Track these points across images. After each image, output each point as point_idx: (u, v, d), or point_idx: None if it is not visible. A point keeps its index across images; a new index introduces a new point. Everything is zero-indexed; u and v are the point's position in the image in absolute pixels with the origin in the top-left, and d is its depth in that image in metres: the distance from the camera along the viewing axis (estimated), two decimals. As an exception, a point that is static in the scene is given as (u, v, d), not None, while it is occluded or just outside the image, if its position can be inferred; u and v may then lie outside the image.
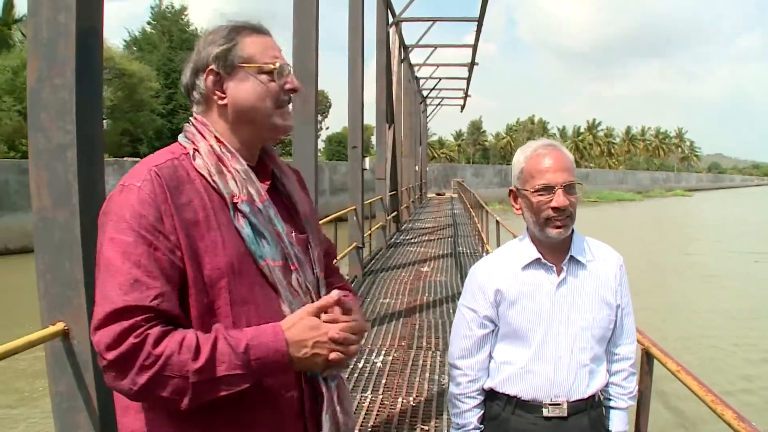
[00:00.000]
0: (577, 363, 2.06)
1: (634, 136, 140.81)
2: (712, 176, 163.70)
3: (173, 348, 1.29)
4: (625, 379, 2.20)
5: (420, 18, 20.86)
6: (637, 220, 47.32)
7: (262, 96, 1.54)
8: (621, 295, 2.14)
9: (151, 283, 1.32)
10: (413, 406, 5.06)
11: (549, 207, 1.98)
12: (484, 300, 2.12)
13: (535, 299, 2.06)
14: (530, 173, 2.03)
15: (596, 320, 2.07)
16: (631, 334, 2.22)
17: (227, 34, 1.54)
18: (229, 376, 1.32)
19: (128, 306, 1.29)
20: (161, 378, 1.28)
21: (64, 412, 2.68)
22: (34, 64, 2.59)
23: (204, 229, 1.42)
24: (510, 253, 2.17)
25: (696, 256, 26.28)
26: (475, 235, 16.44)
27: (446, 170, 64.14)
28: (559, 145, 2.08)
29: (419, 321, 7.93)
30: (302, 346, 1.39)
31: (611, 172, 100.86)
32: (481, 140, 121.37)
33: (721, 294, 18.01)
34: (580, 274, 2.09)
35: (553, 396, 2.05)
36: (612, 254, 2.18)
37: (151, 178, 1.40)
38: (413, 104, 29.29)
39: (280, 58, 1.58)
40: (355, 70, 11.59)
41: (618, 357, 2.19)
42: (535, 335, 2.06)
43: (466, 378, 2.17)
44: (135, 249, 1.33)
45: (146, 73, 38.08)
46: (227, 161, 1.51)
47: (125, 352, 1.27)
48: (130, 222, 1.35)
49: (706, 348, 12.19)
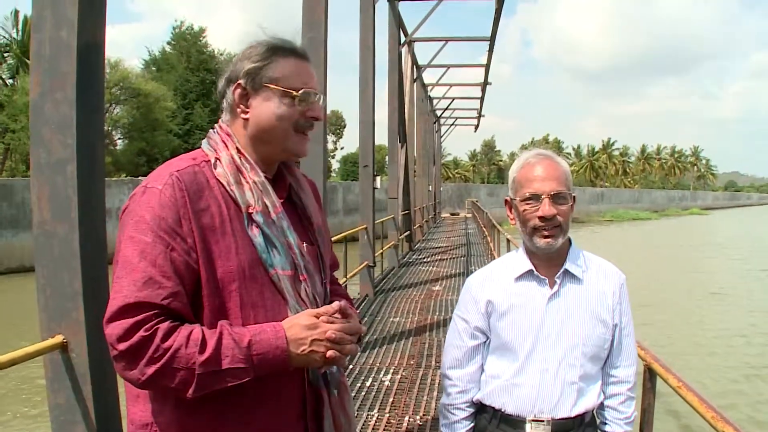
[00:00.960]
0: (564, 379, 2.00)
1: (650, 154, 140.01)
2: (728, 194, 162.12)
3: (181, 342, 1.36)
4: (622, 404, 2.10)
5: (432, 38, 20.95)
6: (651, 238, 47.00)
7: (282, 118, 1.58)
8: (620, 314, 2.07)
9: (165, 282, 1.39)
10: (419, 425, 5.02)
11: (536, 216, 1.97)
12: (476, 311, 2.11)
13: (526, 312, 2.03)
14: (520, 182, 2.02)
15: (588, 337, 2.01)
16: (631, 356, 2.12)
17: (264, 52, 1.59)
18: (232, 369, 1.39)
19: (140, 302, 1.37)
20: (169, 369, 1.36)
21: (63, 425, 2.70)
22: (36, 78, 2.64)
23: (219, 234, 1.49)
24: (504, 265, 2.15)
25: (709, 274, 26.06)
26: (488, 255, 16.38)
27: (460, 190, 64.07)
28: (551, 155, 2.05)
29: (429, 340, 7.89)
30: (301, 343, 1.45)
31: (626, 191, 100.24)
32: (495, 160, 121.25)
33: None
34: (574, 288, 2.04)
35: (536, 412, 2.00)
36: (613, 271, 2.12)
37: (172, 182, 1.47)
38: (426, 124, 29.34)
39: (309, 85, 1.61)
40: (366, 89, 11.65)
41: (615, 379, 2.11)
42: (523, 348, 2.03)
43: (455, 389, 2.15)
44: (152, 249, 1.41)
45: (162, 93, 38.45)
46: (246, 173, 1.57)
47: (135, 344, 1.34)
48: (150, 223, 1.42)
49: (711, 366, 12.09)
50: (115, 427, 2.82)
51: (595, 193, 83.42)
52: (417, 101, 23.06)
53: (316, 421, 1.60)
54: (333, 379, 1.65)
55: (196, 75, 45.04)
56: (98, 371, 2.69)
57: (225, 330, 1.41)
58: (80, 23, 2.57)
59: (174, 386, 1.37)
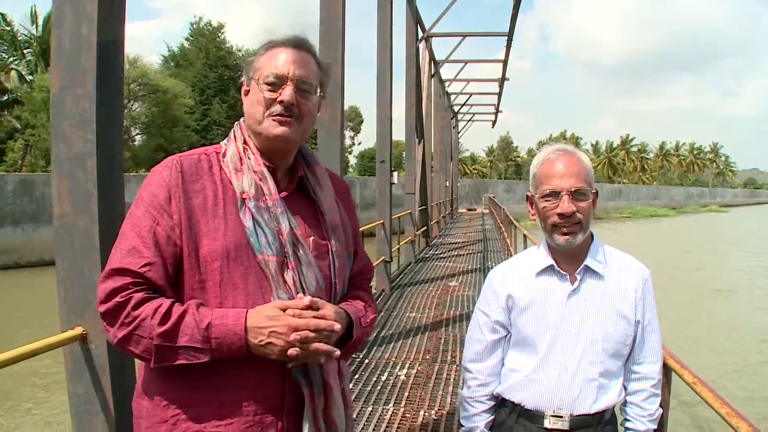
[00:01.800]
0: (584, 376, 1.99)
1: (668, 151, 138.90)
2: (747, 192, 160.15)
3: (148, 312, 1.48)
4: (645, 400, 2.08)
5: (450, 33, 20.96)
6: (664, 235, 46.68)
7: (254, 103, 1.67)
8: (643, 311, 2.04)
9: (144, 252, 1.52)
10: (435, 420, 5.02)
11: (555, 213, 1.96)
12: (497, 305, 2.12)
13: (546, 307, 2.03)
14: (540, 179, 2.01)
15: (609, 333, 1.99)
16: (656, 353, 2.09)
17: (261, 48, 1.70)
18: (187, 347, 1.48)
19: (121, 268, 1.51)
20: (134, 336, 1.48)
21: (82, 414, 2.75)
22: (57, 74, 2.68)
23: (210, 215, 1.58)
24: (526, 260, 2.15)
25: (717, 271, 25.92)
26: (505, 251, 16.34)
27: (478, 186, 63.86)
28: (572, 150, 2.03)
29: (444, 335, 7.89)
30: (259, 333, 1.49)
31: (644, 187, 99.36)
32: (512, 156, 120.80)
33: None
34: (595, 284, 2.02)
35: (555, 407, 2.00)
36: (636, 266, 2.09)
37: (171, 165, 1.62)
38: (444, 119, 29.30)
39: (282, 70, 1.64)
40: (384, 84, 11.64)
41: (638, 376, 2.08)
42: (542, 344, 2.02)
43: (475, 382, 2.16)
44: (141, 222, 1.56)
45: (180, 89, 38.63)
46: (247, 161, 1.67)
47: (111, 308, 1.49)
48: (145, 200, 1.58)
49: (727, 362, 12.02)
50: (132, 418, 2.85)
51: (613, 190, 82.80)
52: (434, 97, 23.04)
53: (296, 419, 1.61)
54: (315, 377, 1.62)
55: (214, 71, 45.21)
56: (117, 362, 2.73)
57: (190, 309, 1.50)
58: (100, 19, 2.61)
59: (139, 353, 1.50)
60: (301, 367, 1.59)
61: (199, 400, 1.54)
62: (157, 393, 1.58)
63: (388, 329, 8.16)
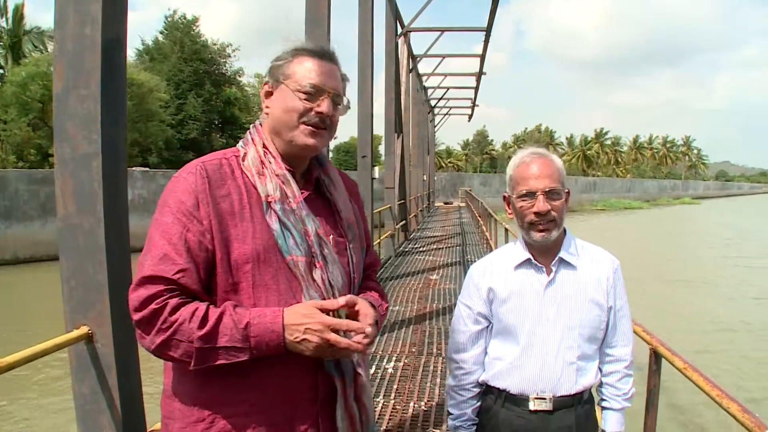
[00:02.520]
0: (564, 360, 2.14)
1: (642, 144, 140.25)
2: (719, 184, 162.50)
3: (185, 316, 1.49)
4: (619, 381, 2.24)
5: (428, 28, 20.91)
6: (635, 227, 47.27)
7: (289, 110, 1.69)
8: (614, 297, 2.20)
9: (177, 259, 1.53)
10: (425, 411, 5.09)
11: (531, 212, 2.11)
12: (479, 297, 2.25)
13: (525, 298, 2.17)
14: (516, 180, 2.16)
15: (584, 320, 2.14)
16: (626, 336, 2.26)
17: (287, 54, 1.73)
18: (228, 348, 1.51)
19: (155, 275, 1.52)
20: (173, 341, 1.50)
21: (88, 414, 2.76)
22: (60, 74, 2.69)
23: (238, 219, 1.61)
24: (504, 255, 2.29)
25: (683, 262, 26.43)
26: (484, 243, 16.46)
27: (454, 179, 64.05)
28: (545, 153, 2.18)
29: (429, 328, 7.97)
30: (295, 330, 1.53)
31: (618, 180, 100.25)
32: (488, 149, 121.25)
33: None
34: (569, 274, 2.17)
35: (539, 391, 2.14)
36: (606, 257, 2.25)
37: (196, 171, 1.63)
38: (421, 114, 29.36)
39: (320, 81, 1.70)
40: (365, 80, 11.66)
41: (612, 358, 2.25)
42: (523, 332, 2.16)
43: (461, 371, 2.28)
44: (170, 229, 1.56)
45: (155, 83, 38.19)
46: (269, 165, 1.70)
47: (147, 315, 1.50)
48: (172, 207, 1.59)
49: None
50: (139, 416, 2.89)
51: (588, 183, 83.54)
52: (412, 91, 23.08)
53: (330, 408, 1.68)
54: (347, 369, 1.71)
55: (189, 65, 44.68)
56: (123, 361, 2.75)
57: (228, 310, 1.52)
58: (104, 19, 2.63)
59: (178, 357, 1.51)
60: (334, 360, 1.67)
61: (235, 397, 1.59)
62: (191, 393, 1.61)
63: (373, 323, 8.19)
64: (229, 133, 47.08)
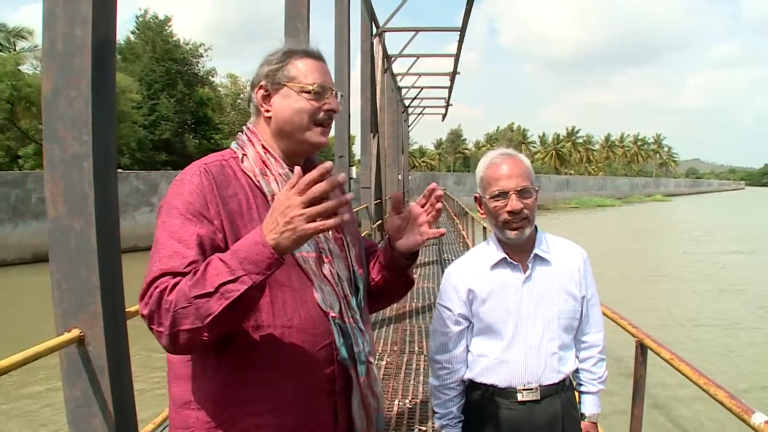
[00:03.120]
0: (547, 352, 2.21)
1: (613, 142, 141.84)
2: (690, 181, 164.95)
3: (182, 285, 1.43)
4: (594, 365, 2.35)
5: (403, 28, 20.91)
6: (613, 224, 47.86)
7: (300, 111, 1.72)
8: (586, 287, 2.30)
9: (187, 252, 1.49)
10: (410, 408, 5.15)
11: (505, 211, 2.16)
12: (458, 299, 2.29)
13: (505, 296, 2.22)
14: (488, 181, 2.20)
15: (562, 311, 2.22)
16: (598, 323, 2.37)
17: (281, 56, 1.74)
18: (222, 285, 1.39)
19: (163, 271, 1.47)
20: (179, 313, 1.41)
21: (79, 417, 2.74)
22: (49, 76, 2.66)
23: (247, 219, 1.61)
24: (479, 255, 2.34)
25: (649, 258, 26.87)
26: (460, 242, 16.54)
27: (428, 178, 64.11)
28: (514, 153, 2.25)
29: (410, 326, 8.05)
30: (273, 223, 1.42)
31: (591, 178, 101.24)
32: (461, 149, 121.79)
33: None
34: (544, 270, 2.24)
35: (526, 382, 2.21)
36: (575, 249, 2.34)
37: (200, 172, 1.61)
38: (396, 113, 29.39)
39: (324, 79, 1.74)
40: (342, 80, 11.67)
41: (586, 345, 2.35)
42: (506, 328, 2.22)
43: (445, 371, 2.33)
44: (180, 229, 1.52)
45: (127, 83, 37.72)
46: (271, 165, 1.71)
47: (152, 303, 1.44)
48: (180, 208, 1.55)
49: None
50: (131, 419, 2.87)
51: (561, 181, 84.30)
52: (387, 91, 23.10)
53: (346, 398, 1.70)
54: (361, 359, 1.72)
55: (162, 65, 44.20)
56: (115, 364, 2.73)
57: (213, 256, 1.45)
58: (94, 20, 2.60)
59: (191, 327, 1.40)
60: (348, 351, 1.68)
61: (254, 396, 1.58)
62: (208, 398, 1.59)
63: (354, 323, 8.21)
64: (202, 134, 46.68)
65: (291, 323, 1.60)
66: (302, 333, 1.62)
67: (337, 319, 1.67)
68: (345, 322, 1.70)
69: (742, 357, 12.11)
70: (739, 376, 10.69)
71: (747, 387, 9.94)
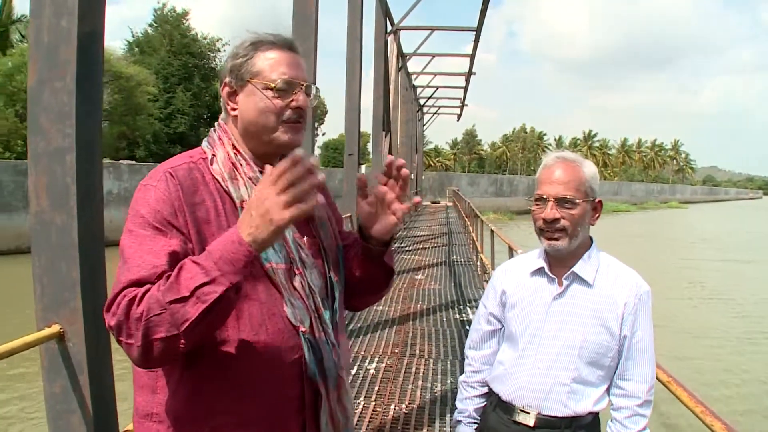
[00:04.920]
0: (555, 378, 2.03)
1: (629, 147, 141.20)
2: (706, 189, 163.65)
3: (153, 291, 1.34)
4: (628, 418, 2.03)
5: (418, 27, 20.93)
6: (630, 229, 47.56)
7: (264, 111, 1.60)
8: (632, 327, 2.02)
9: (157, 262, 1.40)
10: (406, 414, 5.05)
11: (541, 217, 2.04)
12: (494, 299, 2.24)
13: (532, 306, 2.11)
14: (537, 183, 2.10)
15: (588, 342, 2.01)
16: (644, 373, 2.04)
17: (246, 48, 1.62)
18: (197, 288, 1.31)
19: (131, 281, 1.38)
20: (152, 321, 1.32)
21: (58, 414, 2.71)
22: (34, 66, 2.63)
23: (215, 228, 1.51)
24: (525, 259, 2.25)
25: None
26: (470, 244, 16.45)
27: (442, 179, 64.10)
28: (573, 159, 2.08)
29: (412, 329, 7.92)
30: (247, 218, 1.35)
31: (606, 183, 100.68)
32: (476, 149, 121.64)
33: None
34: (582, 291, 2.05)
35: (525, 403, 2.08)
36: (633, 282, 2.07)
37: (166, 178, 1.51)
38: (410, 112, 29.36)
39: (291, 75, 1.61)
40: (353, 77, 11.63)
41: (623, 392, 2.05)
42: (522, 341, 2.11)
43: (470, 368, 2.30)
44: (149, 241, 1.44)
45: (144, 76, 37.96)
46: (240, 168, 1.61)
47: (120, 313, 1.35)
48: (146, 217, 1.46)
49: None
50: (111, 416, 2.83)
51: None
52: (401, 89, 23.07)
53: (314, 415, 1.62)
54: (330, 375, 1.64)
55: (179, 58, 44.49)
56: (95, 360, 2.70)
57: (186, 260, 1.38)
58: (81, 12, 2.56)
59: (167, 335, 1.32)
60: (318, 366, 1.60)
61: (220, 410, 1.51)
62: (171, 412, 1.52)
63: (356, 323, 8.15)
64: (218, 128, 46.89)
65: (258, 337, 1.52)
66: (270, 347, 1.54)
67: (307, 334, 1.59)
68: (315, 337, 1.61)
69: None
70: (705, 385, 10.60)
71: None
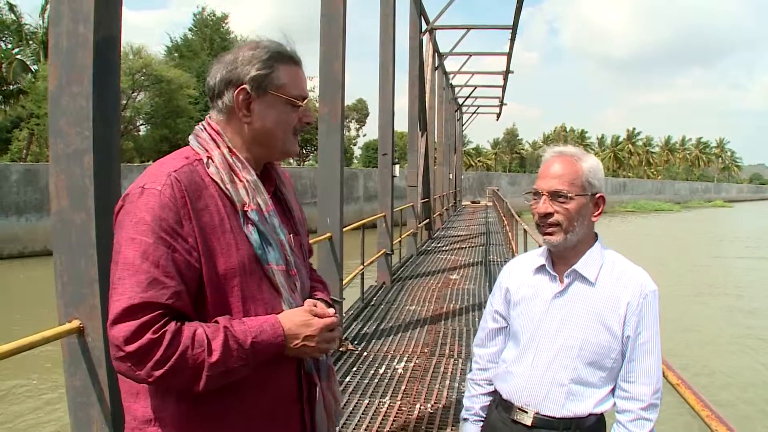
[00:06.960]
0: (553, 378, 2.00)
1: (673, 145, 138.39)
2: (753, 187, 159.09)
3: (186, 343, 1.42)
4: (631, 422, 1.96)
5: (454, 26, 20.81)
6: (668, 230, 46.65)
7: (284, 123, 1.68)
8: (636, 327, 1.96)
9: (168, 282, 1.43)
10: (431, 413, 5.07)
11: (536, 212, 2.04)
12: (500, 296, 2.23)
13: (533, 305, 2.08)
14: (537, 177, 2.09)
15: (588, 342, 1.97)
16: (649, 375, 1.97)
17: (267, 60, 1.64)
18: (237, 368, 1.49)
19: (145, 302, 1.40)
20: (175, 371, 1.41)
21: (79, 406, 2.80)
22: (54, 72, 2.72)
23: (219, 232, 1.55)
24: (530, 257, 2.22)
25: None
26: (507, 244, 16.36)
27: (482, 178, 63.77)
28: (568, 153, 2.05)
29: (444, 328, 7.93)
30: (294, 338, 1.59)
31: (649, 182, 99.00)
32: (517, 148, 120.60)
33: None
34: (583, 289, 2.02)
35: (523, 402, 2.05)
36: (638, 280, 2.00)
37: (171, 183, 1.50)
38: (448, 112, 29.27)
39: (305, 91, 1.73)
40: (386, 77, 11.63)
41: (627, 395, 1.99)
42: (523, 339, 2.09)
43: (476, 366, 2.30)
44: (155, 250, 1.44)
45: (185, 79, 38.57)
46: (239, 171, 1.64)
47: (144, 346, 1.38)
48: (151, 224, 1.45)
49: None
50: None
51: (618, 184, 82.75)
52: (438, 89, 23.00)
53: (310, 403, 1.74)
54: (323, 366, 1.78)
55: (219, 61, 45.11)
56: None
57: (228, 332, 1.48)
58: (96, 18, 2.64)
59: (181, 384, 1.47)
60: (313, 360, 1.74)
61: (223, 409, 1.57)
62: (174, 415, 1.54)
63: (387, 322, 8.19)
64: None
65: None
66: None
67: None
68: None
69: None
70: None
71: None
